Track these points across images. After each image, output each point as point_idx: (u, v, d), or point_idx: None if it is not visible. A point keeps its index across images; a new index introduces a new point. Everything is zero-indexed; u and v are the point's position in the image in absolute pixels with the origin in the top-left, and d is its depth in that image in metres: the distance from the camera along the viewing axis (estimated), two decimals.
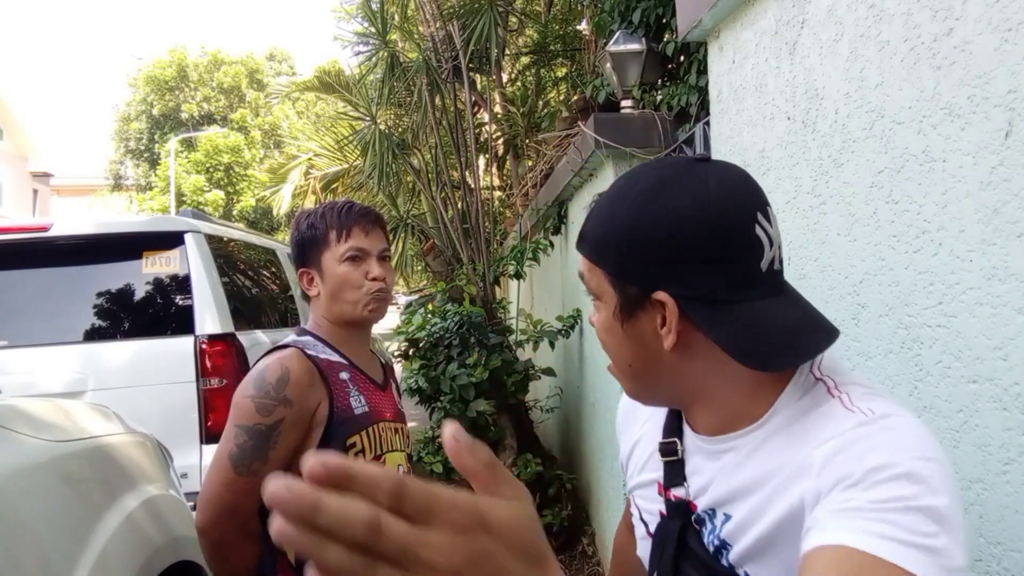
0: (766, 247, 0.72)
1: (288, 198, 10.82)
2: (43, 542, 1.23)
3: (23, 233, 3.17)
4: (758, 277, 0.72)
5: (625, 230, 0.74)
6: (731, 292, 0.71)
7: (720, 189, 0.72)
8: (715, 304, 0.71)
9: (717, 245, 0.71)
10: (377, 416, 1.45)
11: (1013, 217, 1.08)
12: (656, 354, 0.76)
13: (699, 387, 0.77)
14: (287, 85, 12.25)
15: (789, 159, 1.72)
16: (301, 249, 1.48)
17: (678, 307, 0.72)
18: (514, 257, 4.51)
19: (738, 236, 0.71)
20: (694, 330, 0.72)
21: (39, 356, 3.02)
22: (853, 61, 1.46)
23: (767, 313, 0.72)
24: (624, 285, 0.75)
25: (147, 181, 27.10)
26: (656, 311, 0.74)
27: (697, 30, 2.17)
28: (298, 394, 1.34)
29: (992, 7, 1.10)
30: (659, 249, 0.72)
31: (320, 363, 1.39)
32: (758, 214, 0.72)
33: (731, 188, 0.73)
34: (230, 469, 1.30)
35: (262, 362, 1.38)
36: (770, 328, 0.71)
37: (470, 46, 4.98)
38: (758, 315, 0.71)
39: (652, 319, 0.74)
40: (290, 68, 28.91)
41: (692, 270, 0.71)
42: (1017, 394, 1.08)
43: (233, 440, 1.31)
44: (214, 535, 1.32)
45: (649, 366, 0.78)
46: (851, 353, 1.50)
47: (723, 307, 0.71)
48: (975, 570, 1.17)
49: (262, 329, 3.64)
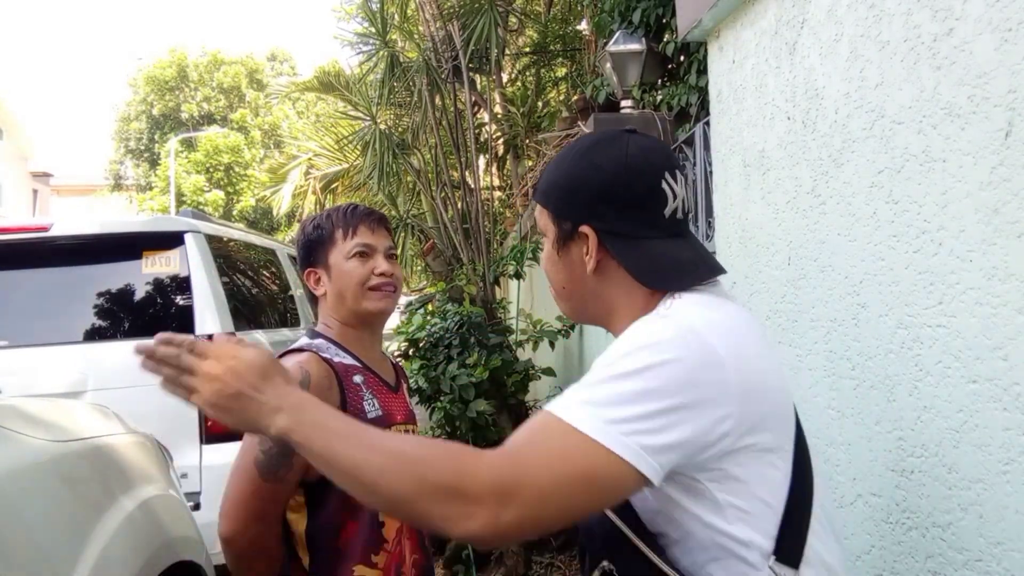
0: (670, 199, 0.94)
1: (288, 198, 10.81)
2: (43, 542, 1.23)
3: (23, 233, 3.16)
4: (662, 222, 0.94)
5: (564, 178, 0.98)
6: (638, 230, 0.94)
7: (637, 152, 0.95)
8: (626, 239, 0.94)
9: (629, 193, 0.93)
10: (389, 419, 1.44)
11: (1013, 217, 1.08)
12: (582, 277, 0.98)
13: (613, 305, 0.98)
14: (287, 85, 12.25)
15: (789, 159, 1.72)
16: (308, 250, 1.49)
17: (598, 239, 0.95)
18: (514, 257, 4.51)
19: (647, 188, 0.93)
20: (609, 258, 0.95)
21: (39, 356, 3.02)
22: (853, 61, 1.46)
23: (665, 249, 0.94)
24: (561, 221, 0.98)
25: (147, 181, 27.08)
26: (583, 242, 0.96)
27: (697, 30, 2.17)
28: (318, 398, 1.33)
29: (992, 7, 1.10)
30: (587, 193, 0.95)
31: (335, 367, 1.38)
32: (665, 173, 0.94)
33: (646, 152, 0.95)
34: (257, 476, 1.28)
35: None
36: (665, 260, 0.93)
37: (470, 46, 4.98)
38: (657, 250, 0.94)
39: (580, 248, 0.97)
40: (290, 68, 28.90)
41: (610, 211, 0.94)
42: (1017, 394, 1.08)
43: (258, 446, 1.29)
44: (241, 543, 1.29)
45: (577, 288, 1.00)
46: (851, 353, 1.50)
47: (631, 241, 0.94)
48: (975, 570, 1.17)
49: (262, 329, 3.64)
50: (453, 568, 3.68)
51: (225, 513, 1.30)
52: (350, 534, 1.34)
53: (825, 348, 1.59)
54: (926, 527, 1.28)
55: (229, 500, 1.30)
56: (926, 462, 1.28)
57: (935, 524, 1.26)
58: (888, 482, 1.39)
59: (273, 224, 21.73)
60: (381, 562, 1.36)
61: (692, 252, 0.96)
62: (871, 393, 1.43)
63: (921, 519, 1.30)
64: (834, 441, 1.57)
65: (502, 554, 3.57)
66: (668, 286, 0.93)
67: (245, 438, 1.33)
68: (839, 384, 1.54)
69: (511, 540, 0.97)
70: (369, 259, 1.45)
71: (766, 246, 1.85)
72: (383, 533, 1.38)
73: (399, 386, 1.56)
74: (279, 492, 1.30)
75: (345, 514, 1.34)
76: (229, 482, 1.32)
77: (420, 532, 1.49)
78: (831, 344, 1.57)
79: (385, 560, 1.37)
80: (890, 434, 1.38)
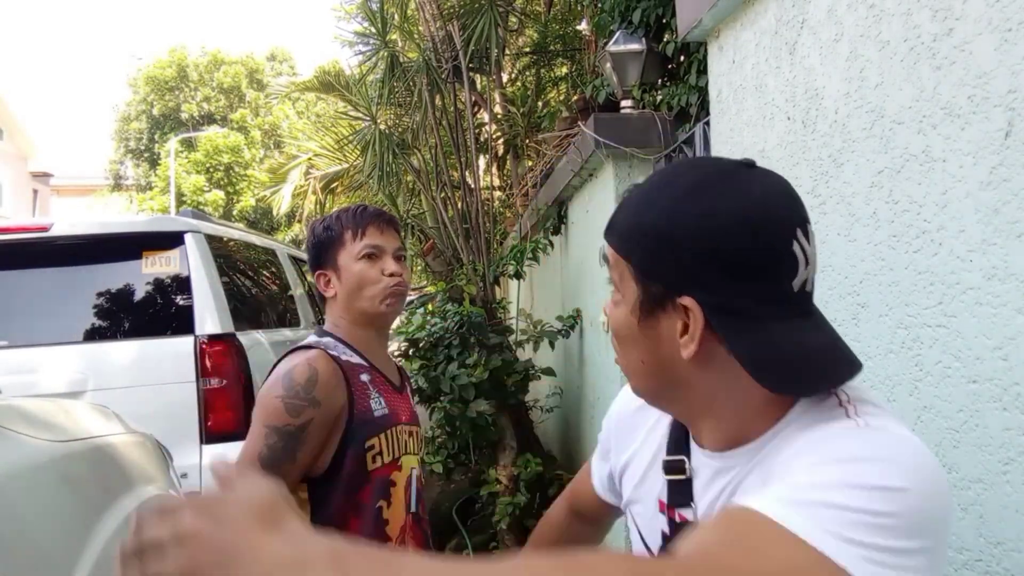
0: (801, 266, 0.69)
1: (288, 198, 10.80)
2: (43, 542, 1.23)
3: (23, 233, 3.16)
4: (789, 296, 0.69)
5: (659, 226, 0.70)
6: (759, 307, 0.68)
7: (763, 199, 0.69)
8: (740, 317, 0.68)
9: (753, 257, 0.67)
10: (395, 419, 1.44)
11: (1013, 217, 1.08)
12: (670, 359, 0.72)
13: (709, 399, 0.73)
14: (287, 85, 12.24)
15: (789, 159, 1.72)
16: (317, 252, 1.49)
17: (704, 317, 0.68)
18: (514, 257, 4.51)
19: (775, 251, 0.68)
20: (713, 340, 0.69)
21: (39, 356, 3.02)
22: (853, 61, 1.46)
23: (792, 335, 0.69)
24: (648, 283, 0.72)
25: (147, 181, 27.06)
26: (678, 315, 0.70)
27: (697, 30, 2.17)
28: (326, 395, 1.33)
29: (992, 7, 1.10)
30: (692, 252, 0.68)
31: (342, 364, 1.39)
32: (798, 230, 0.69)
33: (775, 199, 0.70)
34: (259, 470, 1.28)
35: (288, 362, 1.37)
36: (793, 350, 0.68)
37: (470, 46, 4.98)
38: (783, 335, 0.68)
39: (672, 323, 0.71)
40: (290, 68, 28.88)
41: (723, 279, 0.68)
42: (1017, 394, 1.08)
43: (263, 441, 1.29)
44: None
45: (660, 369, 0.74)
46: None
47: (748, 321, 0.68)
48: (975, 570, 1.17)
49: (262, 329, 3.64)
50: None
51: None
52: (353, 531, 1.34)
53: None
54: None
55: None
56: None
57: None
58: None
59: (273, 224, 21.71)
60: None
61: (825, 338, 0.71)
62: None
63: None
64: None
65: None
66: (799, 389, 0.69)
67: (253, 430, 1.32)
68: None
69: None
70: (378, 260, 1.46)
71: None
72: (387, 531, 1.38)
73: (404, 387, 1.57)
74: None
75: (349, 511, 1.35)
76: None
77: (425, 532, 1.49)
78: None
79: None
80: None
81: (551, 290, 5.30)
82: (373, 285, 1.44)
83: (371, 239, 1.46)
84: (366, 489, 1.36)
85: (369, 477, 1.36)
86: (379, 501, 1.37)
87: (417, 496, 1.47)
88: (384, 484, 1.38)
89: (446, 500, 4.23)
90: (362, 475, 1.36)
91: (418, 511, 1.47)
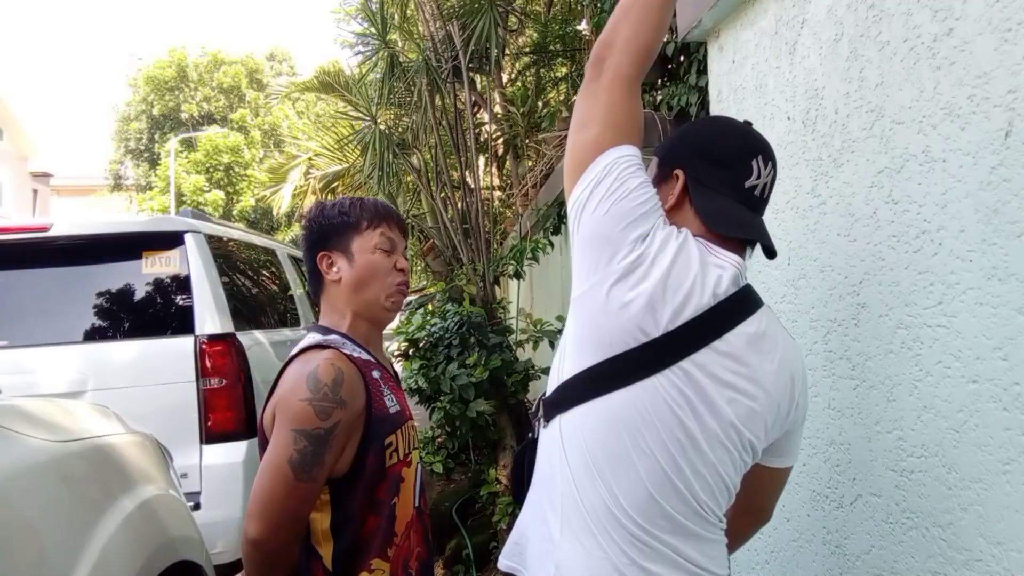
0: (754, 174, 1.13)
1: (288, 198, 10.80)
2: (43, 542, 1.23)
3: (23, 233, 3.16)
4: (740, 188, 1.13)
5: (680, 132, 1.24)
6: (718, 185, 1.13)
7: (742, 128, 1.18)
8: (705, 187, 1.13)
9: (722, 155, 1.14)
10: (406, 414, 1.45)
11: (1013, 217, 1.08)
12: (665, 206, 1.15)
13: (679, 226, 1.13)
14: (287, 85, 12.22)
15: (789, 159, 1.72)
16: (325, 233, 1.46)
17: (684, 182, 1.14)
18: (514, 257, 4.51)
19: (738, 153, 1.14)
20: (687, 201, 1.14)
21: (39, 356, 3.02)
22: (853, 61, 1.46)
23: (732, 207, 1.12)
24: (663, 163, 1.19)
25: (147, 181, 27.05)
26: (673, 182, 1.16)
27: (697, 30, 2.17)
28: (351, 395, 1.31)
29: (992, 7, 1.10)
30: (685, 144, 1.19)
31: (357, 362, 1.37)
32: (760, 155, 1.14)
33: (751, 134, 1.17)
34: (291, 476, 1.25)
35: (306, 363, 1.33)
36: (730, 214, 1.12)
37: (470, 46, 4.97)
38: (722, 204, 1.12)
39: (668, 188, 1.16)
40: (290, 68, 28.89)
41: (701, 164, 1.14)
42: (1017, 394, 1.08)
43: (293, 445, 1.25)
44: (272, 545, 1.25)
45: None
46: (851, 353, 1.50)
47: (708, 191, 1.13)
48: (975, 570, 1.17)
49: (262, 329, 3.64)
50: (453, 568, 3.68)
51: (257, 515, 1.25)
52: (371, 528, 1.34)
53: (825, 348, 1.59)
54: (926, 527, 1.28)
55: (261, 501, 1.25)
56: (926, 462, 1.28)
57: (935, 524, 1.26)
58: (888, 482, 1.39)
59: (273, 224, 21.72)
60: (392, 555, 1.37)
61: (749, 218, 1.13)
62: (871, 393, 1.43)
63: (921, 519, 1.30)
64: (834, 441, 1.57)
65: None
66: (722, 230, 1.10)
67: (278, 434, 1.28)
68: (839, 384, 1.54)
69: None
70: (392, 255, 1.48)
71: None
72: (395, 527, 1.38)
73: (400, 383, 1.57)
74: (312, 492, 1.27)
75: (368, 510, 1.34)
76: (259, 482, 1.27)
77: (424, 526, 1.49)
78: (831, 344, 1.56)
79: (395, 553, 1.37)
80: (890, 434, 1.38)
81: (551, 290, 5.30)
82: (385, 277, 1.45)
83: (390, 232, 1.48)
84: (384, 486, 1.35)
85: (386, 474, 1.36)
86: (394, 497, 1.37)
87: (420, 490, 1.48)
88: (397, 480, 1.38)
89: (446, 500, 4.23)
90: (381, 473, 1.35)
91: (420, 505, 1.47)
